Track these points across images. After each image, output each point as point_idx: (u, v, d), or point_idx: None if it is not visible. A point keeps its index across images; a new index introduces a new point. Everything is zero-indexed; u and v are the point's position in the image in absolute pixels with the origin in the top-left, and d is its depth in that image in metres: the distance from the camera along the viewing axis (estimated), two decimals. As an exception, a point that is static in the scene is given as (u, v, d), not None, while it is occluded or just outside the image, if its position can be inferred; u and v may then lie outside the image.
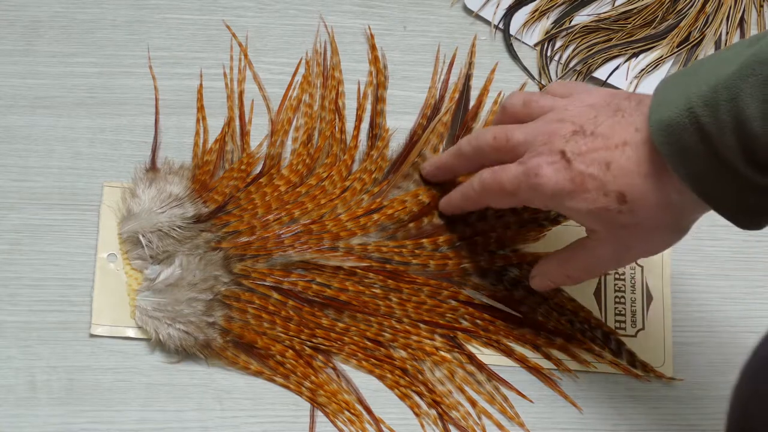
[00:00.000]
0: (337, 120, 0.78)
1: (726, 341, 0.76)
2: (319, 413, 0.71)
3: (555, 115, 0.65)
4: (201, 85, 0.78)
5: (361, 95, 0.79)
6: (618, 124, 0.62)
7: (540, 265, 0.72)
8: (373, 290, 0.73)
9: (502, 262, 0.75)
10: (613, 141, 0.62)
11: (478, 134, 0.69)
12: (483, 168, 0.69)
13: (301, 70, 0.79)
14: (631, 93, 0.66)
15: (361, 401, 0.71)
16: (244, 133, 0.77)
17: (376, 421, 0.71)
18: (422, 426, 0.71)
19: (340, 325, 0.72)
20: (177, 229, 0.73)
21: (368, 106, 0.79)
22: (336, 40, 0.81)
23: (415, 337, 0.73)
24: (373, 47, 0.81)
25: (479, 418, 0.72)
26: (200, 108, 0.77)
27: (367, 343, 0.72)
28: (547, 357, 0.73)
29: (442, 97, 0.79)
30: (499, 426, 0.71)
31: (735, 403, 0.60)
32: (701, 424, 0.73)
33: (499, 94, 0.80)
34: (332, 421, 0.71)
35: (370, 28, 0.81)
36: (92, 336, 0.71)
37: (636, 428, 0.73)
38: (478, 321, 0.74)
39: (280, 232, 0.73)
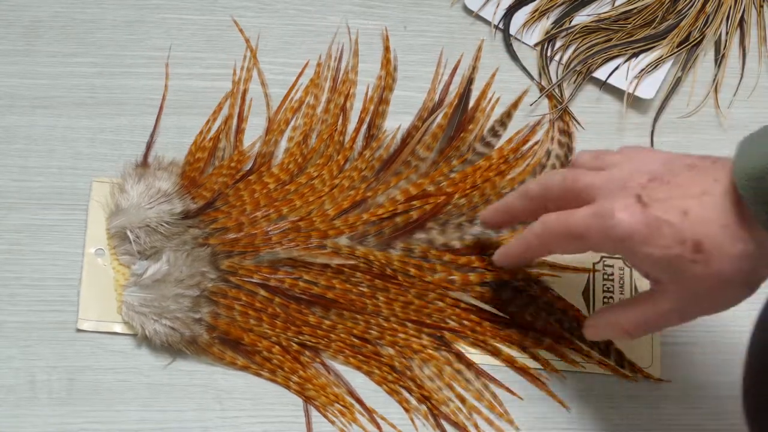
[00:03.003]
0: (340, 122, 0.78)
1: (725, 341, 0.76)
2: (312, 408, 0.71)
3: (629, 165, 0.64)
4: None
5: (368, 99, 0.79)
6: (696, 176, 0.62)
7: (595, 316, 0.69)
8: (360, 289, 0.73)
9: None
10: (691, 190, 0.61)
11: (546, 175, 0.68)
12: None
13: (309, 72, 0.79)
14: (704, 155, 0.65)
15: (351, 393, 0.72)
16: (239, 131, 0.77)
17: (369, 412, 0.71)
18: (412, 420, 0.71)
19: (327, 322, 0.73)
20: (165, 224, 0.73)
21: (370, 108, 0.79)
22: (336, 41, 0.81)
23: (402, 336, 0.73)
24: (387, 49, 0.81)
25: (470, 414, 0.72)
26: (217, 110, 0.77)
27: (354, 340, 0.73)
28: (535, 358, 0.73)
29: (441, 101, 0.79)
30: (489, 422, 0.72)
31: (751, 355, 0.61)
32: (701, 424, 0.73)
33: (494, 96, 0.80)
34: (323, 414, 0.71)
35: (386, 29, 0.81)
36: (79, 331, 0.71)
37: (635, 428, 0.73)
38: (465, 322, 0.74)
39: (268, 229, 0.73)
